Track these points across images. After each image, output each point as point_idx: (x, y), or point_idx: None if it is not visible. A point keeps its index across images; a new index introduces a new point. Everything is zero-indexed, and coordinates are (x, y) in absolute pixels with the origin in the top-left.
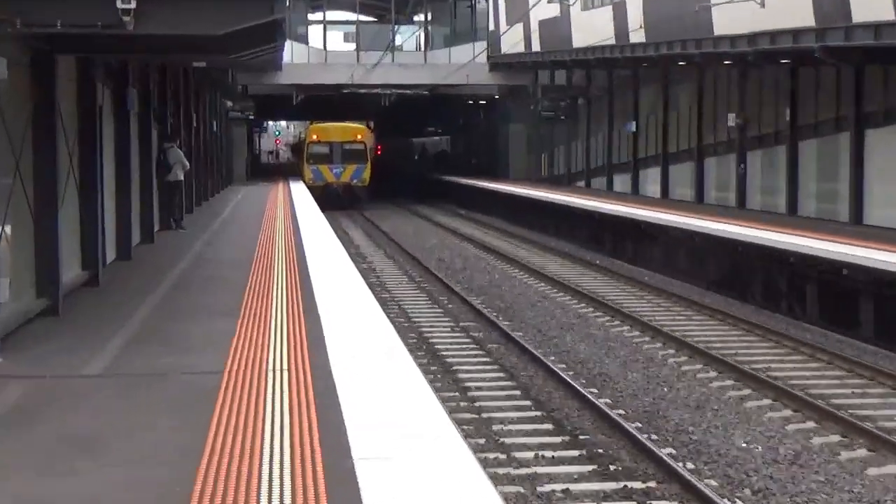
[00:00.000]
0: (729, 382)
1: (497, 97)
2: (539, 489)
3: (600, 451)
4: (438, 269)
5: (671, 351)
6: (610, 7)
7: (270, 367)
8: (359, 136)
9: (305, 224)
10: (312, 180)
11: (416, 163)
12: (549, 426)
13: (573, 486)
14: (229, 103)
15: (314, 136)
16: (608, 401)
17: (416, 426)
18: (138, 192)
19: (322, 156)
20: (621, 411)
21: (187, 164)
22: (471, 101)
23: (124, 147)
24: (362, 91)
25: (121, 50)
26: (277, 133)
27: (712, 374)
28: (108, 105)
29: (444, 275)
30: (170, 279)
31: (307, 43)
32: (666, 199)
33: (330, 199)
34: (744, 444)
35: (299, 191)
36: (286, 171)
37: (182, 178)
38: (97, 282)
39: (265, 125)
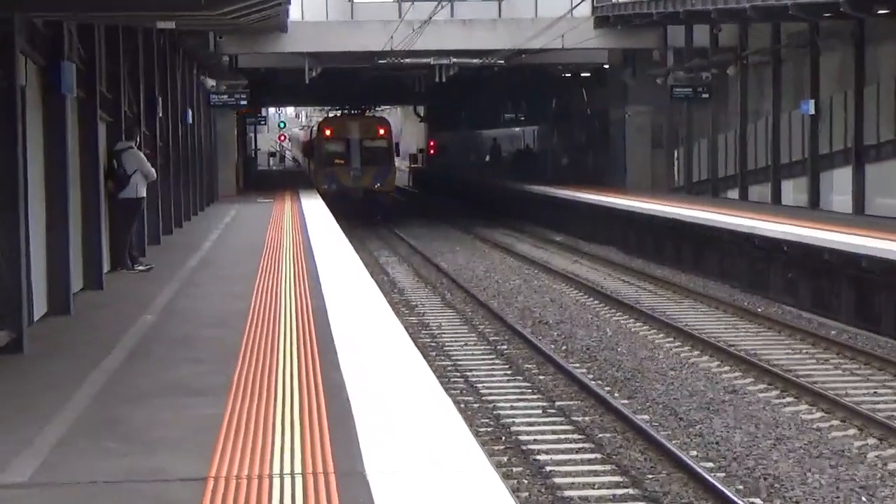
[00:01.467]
0: None
1: (606, 67)
2: None
3: None
4: (523, 322)
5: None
6: None
7: (276, 471)
8: (381, 131)
9: (327, 262)
10: (326, 185)
11: (485, 166)
12: None
13: None
14: (211, 83)
15: (327, 132)
16: None
17: None
18: (79, 216)
19: (337, 156)
20: None
21: (152, 172)
22: (567, 75)
23: (57, 148)
24: (406, 62)
25: (52, 5)
26: (282, 125)
27: None
28: (34, 87)
29: (532, 332)
30: (127, 342)
31: None
32: (862, 215)
33: (347, 207)
34: None
35: (314, 211)
36: (294, 180)
37: (144, 193)
38: (20, 347)
39: (264, 114)
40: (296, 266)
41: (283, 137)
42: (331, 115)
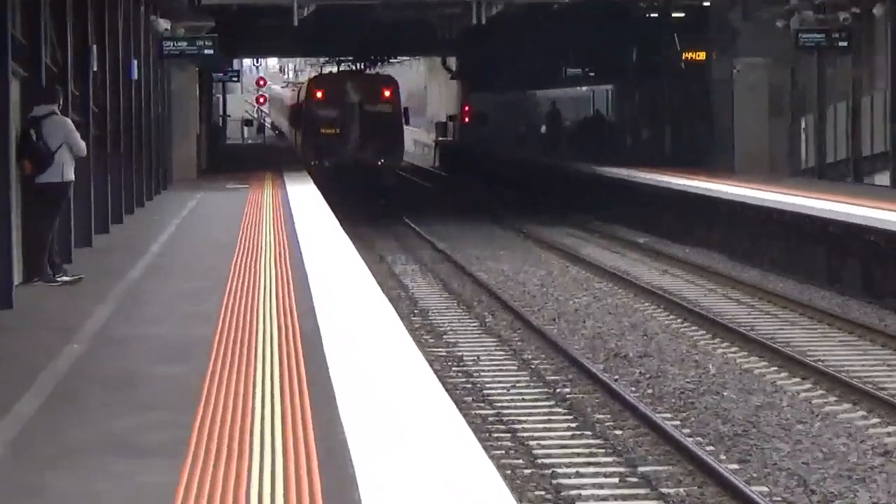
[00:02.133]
0: None
1: (707, 4)
2: None
3: None
4: (593, 356)
5: None
6: None
7: None
8: (386, 93)
9: (321, 271)
10: (316, 160)
11: (541, 138)
12: None
13: None
14: (164, 25)
15: (318, 94)
16: None
17: None
18: None
19: (330, 123)
20: None
21: (82, 147)
22: (654, 15)
23: None
24: None
25: None
26: (257, 90)
27: None
28: None
29: (606, 369)
30: (46, 381)
31: None
32: None
33: (343, 186)
34: None
35: (305, 200)
36: (278, 157)
37: (72, 176)
38: None
39: (236, 69)
40: (279, 276)
41: (262, 100)
42: (325, 71)
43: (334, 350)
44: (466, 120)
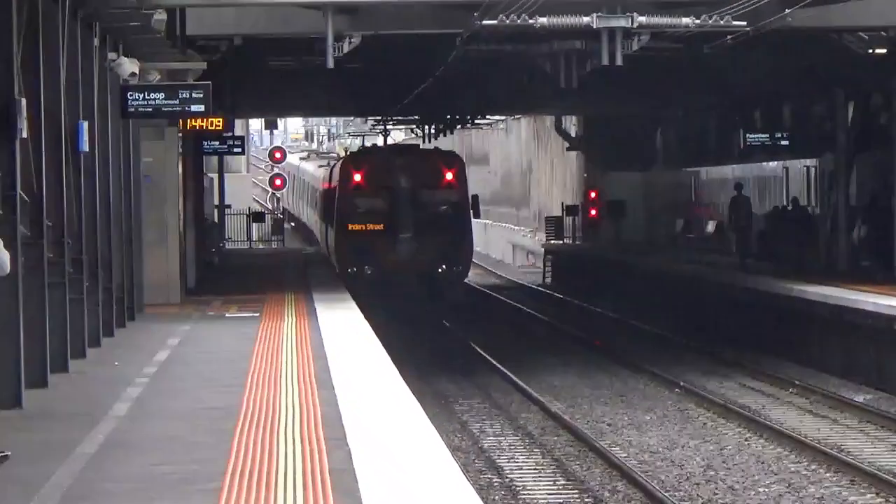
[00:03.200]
0: None
1: None
2: None
3: None
4: None
5: None
6: None
7: None
8: (448, 176)
9: (375, 454)
10: (354, 265)
11: (710, 241)
12: None
13: None
14: (131, 67)
15: (355, 177)
16: None
17: None
18: None
19: (373, 216)
20: None
21: (3, 260)
22: (880, 51)
23: None
24: (540, 25)
25: None
26: (272, 167)
27: None
28: None
29: None
30: None
31: None
32: None
33: (392, 305)
34: None
35: (347, 339)
36: (302, 268)
37: None
38: None
39: (239, 135)
40: (309, 479)
41: (279, 182)
42: (368, 139)
43: None
44: (593, 213)
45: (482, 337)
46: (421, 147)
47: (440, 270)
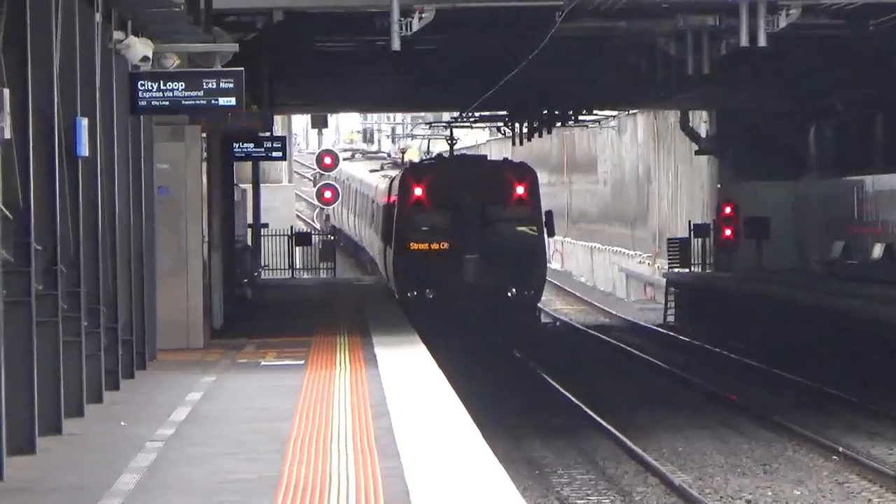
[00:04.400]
0: None
1: None
2: None
3: None
4: None
5: None
6: None
7: None
8: (519, 189)
9: None
10: (413, 290)
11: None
12: None
13: None
14: (142, 50)
15: (416, 191)
16: None
17: None
18: None
19: (435, 235)
20: None
21: None
22: None
23: None
24: None
25: None
26: (320, 175)
27: None
28: None
29: None
30: None
31: None
32: None
33: (465, 344)
34: None
35: (417, 396)
36: (358, 303)
37: None
38: None
39: (280, 135)
40: None
41: (330, 194)
42: (427, 150)
43: None
44: (728, 233)
45: (585, 389)
46: (489, 158)
47: (510, 295)
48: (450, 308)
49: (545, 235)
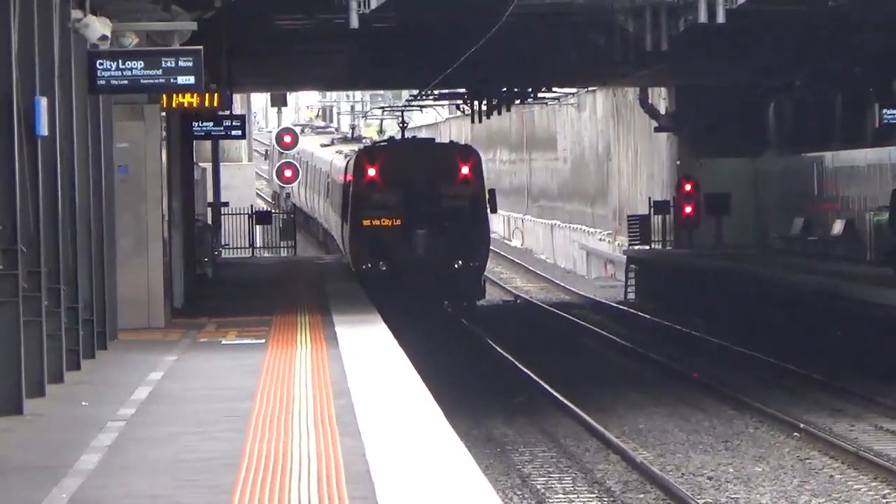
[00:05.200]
0: None
1: None
2: None
3: None
4: None
5: None
6: None
7: None
8: (464, 170)
9: None
10: (367, 262)
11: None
12: None
13: None
14: (100, 28)
15: (369, 171)
16: None
17: None
18: None
19: (386, 211)
20: None
21: None
22: None
23: None
24: None
25: None
26: (281, 153)
27: None
28: None
29: None
30: None
31: None
32: None
33: (406, 305)
34: None
35: (377, 371)
36: (318, 281)
37: None
38: None
39: (240, 113)
40: None
41: (290, 172)
42: (375, 137)
43: None
44: (688, 210)
45: (548, 367)
46: (436, 141)
47: (456, 266)
48: (401, 279)
49: (488, 212)
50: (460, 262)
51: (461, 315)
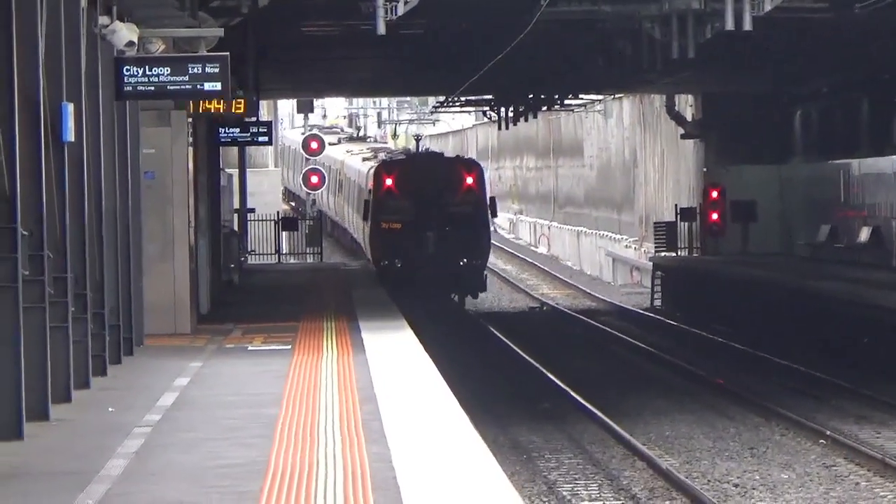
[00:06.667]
0: None
1: None
2: None
3: None
4: None
5: None
6: None
7: None
8: (469, 180)
9: None
10: (385, 260)
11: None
12: None
13: None
14: (127, 35)
15: (387, 181)
16: None
17: None
18: None
19: (401, 215)
20: None
21: None
22: None
23: None
24: None
25: None
26: (307, 160)
27: None
28: None
29: None
30: None
31: None
32: None
33: (420, 298)
34: None
35: (404, 379)
36: (345, 288)
37: None
38: None
39: (266, 120)
40: None
41: (316, 179)
42: (390, 156)
43: None
44: (715, 217)
45: (573, 374)
46: (445, 155)
47: (462, 263)
48: (414, 274)
49: (489, 216)
50: (465, 260)
51: (488, 322)
